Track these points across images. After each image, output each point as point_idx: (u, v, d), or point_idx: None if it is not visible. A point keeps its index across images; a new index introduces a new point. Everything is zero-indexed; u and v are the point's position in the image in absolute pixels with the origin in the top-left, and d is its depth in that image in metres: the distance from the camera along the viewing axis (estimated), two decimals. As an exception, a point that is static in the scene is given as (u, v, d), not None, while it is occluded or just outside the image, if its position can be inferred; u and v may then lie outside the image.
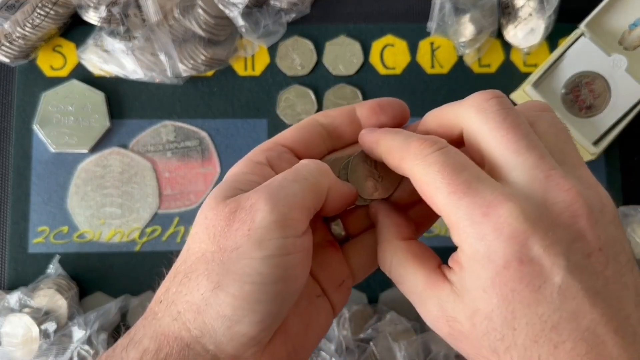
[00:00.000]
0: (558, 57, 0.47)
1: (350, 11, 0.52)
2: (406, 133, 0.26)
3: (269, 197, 0.24)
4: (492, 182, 0.23)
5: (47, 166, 0.50)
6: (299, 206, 0.25)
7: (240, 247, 0.23)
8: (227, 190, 0.26)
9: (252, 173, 0.27)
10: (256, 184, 0.26)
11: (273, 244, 0.24)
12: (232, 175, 0.27)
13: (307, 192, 0.25)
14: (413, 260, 0.25)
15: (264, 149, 0.28)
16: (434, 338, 0.45)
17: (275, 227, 0.24)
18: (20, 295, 0.46)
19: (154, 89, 0.51)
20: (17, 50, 0.49)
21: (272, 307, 0.24)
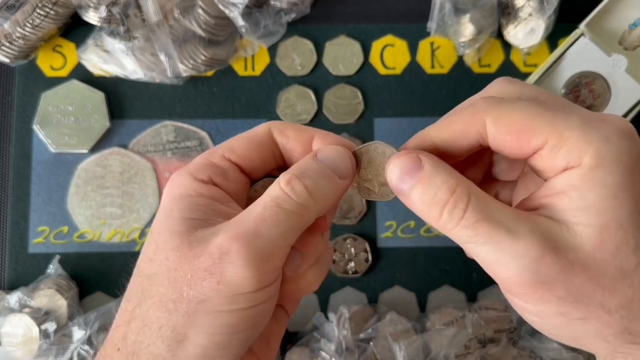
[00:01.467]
0: (558, 57, 0.47)
1: (350, 11, 0.52)
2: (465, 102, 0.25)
3: (242, 249, 0.22)
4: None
5: (47, 166, 0.50)
6: (277, 254, 0.23)
7: (207, 301, 0.22)
8: (185, 224, 0.23)
9: (202, 196, 0.24)
10: (214, 211, 0.24)
11: (245, 298, 0.22)
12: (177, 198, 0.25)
13: (289, 233, 0.23)
14: (491, 198, 0.22)
15: (208, 164, 0.26)
16: (434, 338, 0.45)
17: (249, 282, 0.22)
18: (20, 295, 0.46)
19: (154, 89, 0.51)
20: (17, 50, 0.49)
21: (238, 349, 0.23)
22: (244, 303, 0.22)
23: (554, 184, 0.21)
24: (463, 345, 0.44)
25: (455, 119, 0.23)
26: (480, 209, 0.21)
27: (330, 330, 0.46)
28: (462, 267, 0.49)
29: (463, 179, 0.23)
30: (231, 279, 0.22)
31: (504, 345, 0.45)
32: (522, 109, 0.22)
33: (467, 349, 0.45)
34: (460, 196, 0.22)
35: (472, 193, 0.22)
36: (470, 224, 0.21)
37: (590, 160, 0.20)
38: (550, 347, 0.44)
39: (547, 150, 0.21)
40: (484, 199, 0.22)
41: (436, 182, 0.22)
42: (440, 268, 0.49)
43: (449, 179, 0.22)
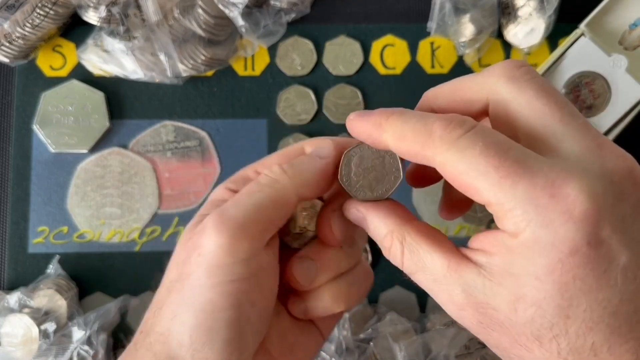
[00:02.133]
0: (558, 57, 0.47)
1: (350, 11, 0.52)
2: (419, 113, 0.22)
3: (216, 218, 0.23)
4: (544, 158, 0.20)
5: (47, 166, 0.50)
6: (252, 223, 0.23)
7: (192, 274, 0.23)
8: (197, 219, 0.25)
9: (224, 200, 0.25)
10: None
11: (222, 270, 0.23)
12: (209, 203, 0.27)
13: (264, 204, 0.24)
14: (427, 242, 0.22)
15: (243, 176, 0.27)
16: (434, 338, 0.45)
17: (222, 251, 0.22)
18: (20, 295, 0.46)
19: (153, 89, 0.51)
20: (17, 50, 0.49)
21: (228, 333, 0.23)
22: (222, 275, 0.23)
23: (497, 235, 0.21)
24: (463, 346, 0.44)
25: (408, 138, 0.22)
26: (413, 261, 0.23)
27: (330, 331, 0.46)
28: (462, 267, 0.49)
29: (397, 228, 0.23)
30: (207, 249, 0.23)
31: (504, 345, 0.45)
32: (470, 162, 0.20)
33: (467, 349, 0.45)
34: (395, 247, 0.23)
35: (405, 246, 0.23)
36: (407, 272, 0.23)
37: (524, 238, 0.19)
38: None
39: (493, 211, 0.21)
40: (418, 250, 0.22)
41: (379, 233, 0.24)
42: (440, 268, 0.49)
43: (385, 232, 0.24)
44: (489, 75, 0.22)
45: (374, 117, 0.23)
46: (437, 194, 0.49)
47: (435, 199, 0.49)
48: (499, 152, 0.20)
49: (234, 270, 0.23)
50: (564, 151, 0.20)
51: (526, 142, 0.21)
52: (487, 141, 0.20)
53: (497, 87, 0.22)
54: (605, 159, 0.20)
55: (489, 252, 0.21)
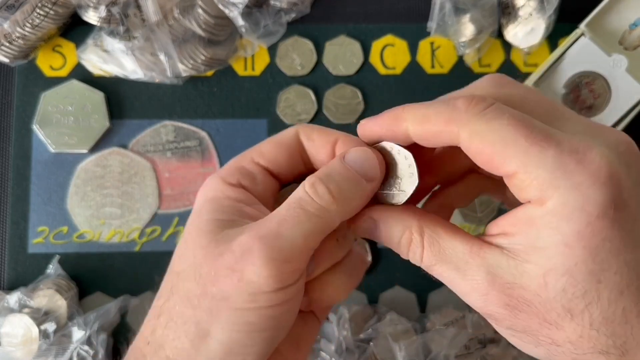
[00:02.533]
0: (558, 57, 0.47)
1: (350, 11, 0.52)
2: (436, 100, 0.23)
3: (263, 248, 0.22)
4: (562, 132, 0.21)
5: (47, 166, 0.50)
6: (298, 256, 0.23)
7: (229, 298, 0.22)
8: (212, 224, 0.24)
9: (229, 198, 0.25)
10: (240, 212, 0.24)
11: (265, 297, 0.22)
12: (208, 200, 0.25)
13: (311, 235, 0.23)
14: (445, 231, 0.23)
15: (237, 168, 0.26)
16: (434, 338, 0.45)
17: (269, 282, 0.22)
18: (19, 295, 0.46)
19: (153, 89, 0.51)
20: (17, 50, 0.49)
21: (262, 349, 0.23)
22: (263, 302, 0.22)
23: (516, 213, 0.21)
24: (463, 346, 0.44)
25: (431, 118, 0.23)
26: (433, 252, 0.23)
27: (330, 331, 0.46)
28: (462, 267, 0.49)
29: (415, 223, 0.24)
30: (251, 278, 0.22)
31: (504, 345, 0.45)
32: (498, 131, 0.21)
33: (467, 349, 0.45)
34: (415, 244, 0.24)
35: (425, 237, 0.23)
36: (427, 266, 0.24)
37: (552, 205, 0.20)
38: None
39: (516, 180, 0.21)
40: (437, 241, 0.23)
41: (395, 235, 0.24)
42: (440, 268, 0.49)
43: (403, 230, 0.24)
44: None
45: (389, 113, 0.24)
46: (437, 194, 0.49)
47: (435, 199, 0.49)
48: (525, 122, 0.20)
49: (276, 298, 0.23)
50: (571, 130, 0.21)
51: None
52: (512, 113, 0.21)
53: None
54: (606, 134, 0.21)
55: (509, 233, 0.21)
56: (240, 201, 0.25)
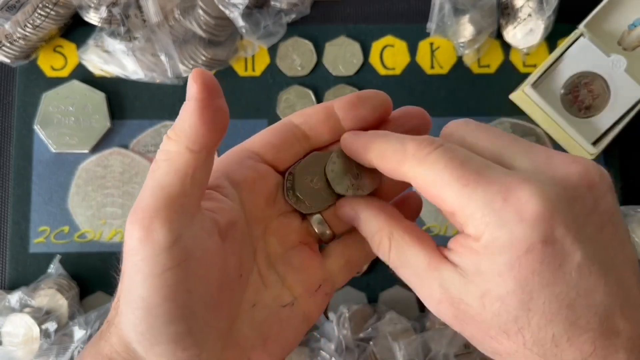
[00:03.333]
0: (557, 57, 0.48)
1: (350, 12, 0.52)
2: (397, 135, 0.25)
3: (132, 214, 0.22)
4: (503, 168, 0.22)
5: (48, 166, 0.50)
6: (162, 207, 0.22)
7: (126, 272, 0.22)
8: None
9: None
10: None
11: (145, 264, 0.21)
12: None
13: (167, 180, 0.22)
14: (412, 240, 0.25)
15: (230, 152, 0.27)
16: (434, 337, 0.45)
17: (141, 244, 0.21)
18: (21, 295, 0.46)
19: (154, 90, 0.51)
20: (18, 51, 0.49)
21: (172, 328, 0.22)
22: (146, 269, 0.22)
23: (462, 240, 0.23)
24: (463, 345, 0.45)
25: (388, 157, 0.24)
26: (397, 256, 0.25)
27: (330, 330, 0.46)
28: (462, 266, 0.49)
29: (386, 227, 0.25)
30: (130, 245, 0.22)
31: (503, 344, 0.45)
32: (436, 175, 0.22)
33: (467, 348, 0.45)
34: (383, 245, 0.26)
35: (392, 243, 0.25)
36: (392, 267, 0.26)
37: (485, 240, 0.21)
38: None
39: (455, 217, 0.23)
40: (402, 247, 0.25)
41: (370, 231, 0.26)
42: (439, 268, 0.49)
43: (375, 230, 0.26)
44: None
45: (363, 139, 0.26)
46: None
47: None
48: (462, 163, 0.22)
49: (157, 262, 0.21)
50: (518, 167, 0.23)
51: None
52: (451, 156, 0.22)
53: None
54: (556, 167, 0.22)
55: (460, 253, 0.23)
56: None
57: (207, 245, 0.23)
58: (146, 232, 0.21)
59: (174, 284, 0.22)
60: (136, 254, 0.22)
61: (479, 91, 0.51)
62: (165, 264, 0.22)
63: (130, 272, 0.22)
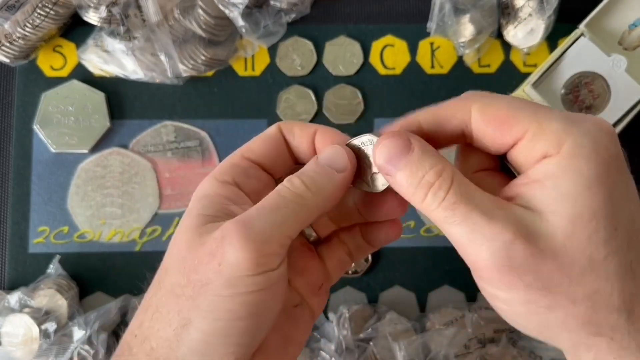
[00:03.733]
0: (558, 57, 0.47)
1: (350, 11, 0.52)
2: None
3: (240, 230, 0.23)
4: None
5: (48, 166, 0.50)
6: (277, 239, 0.23)
7: (210, 284, 0.23)
8: (198, 219, 0.25)
9: (219, 195, 0.26)
10: (226, 210, 0.25)
11: (243, 281, 0.23)
12: (199, 199, 0.26)
13: (288, 220, 0.24)
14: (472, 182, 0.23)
15: (231, 165, 0.27)
16: (434, 338, 0.45)
17: (247, 265, 0.22)
18: (20, 295, 0.46)
19: (154, 89, 0.51)
20: (18, 51, 0.49)
21: (244, 339, 0.23)
22: (243, 287, 0.23)
23: (531, 172, 0.22)
24: (463, 345, 0.45)
25: (443, 105, 0.25)
26: (461, 191, 0.22)
27: (330, 330, 0.46)
28: (462, 267, 0.49)
29: (448, 163, 0.24)
30: (230, 260, 0.22)
31: (503, 345, 0.45)
32: (507, 100, 0.23)
33: (467, 348, 0.45)
34: (445, 179, 0.23)
35: (455, 177, 0.23)
36: (449, 205, 0.22)
37: (568, 149, 0.21)
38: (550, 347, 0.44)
39: (526, 140, 0.22)
40: (466, 184, 0.23)
41: (424, 166, 0.23)
42: (440, 268, 0.49)
43: (436, 162, 0.23)
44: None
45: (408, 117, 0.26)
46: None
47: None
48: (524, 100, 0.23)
49: (255, 282, 0.23)
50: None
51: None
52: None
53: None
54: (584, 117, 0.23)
55: (525, 194, 0.22)
56: (228, 198, 0.26)
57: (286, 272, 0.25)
58: (256, 255, 0.22)
59: (262, 302, 0.23)
60: (236, 271, 0.22)
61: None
62: (261, 285, 0.23)
63: (217, 286, 0.23)
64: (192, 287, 0.23)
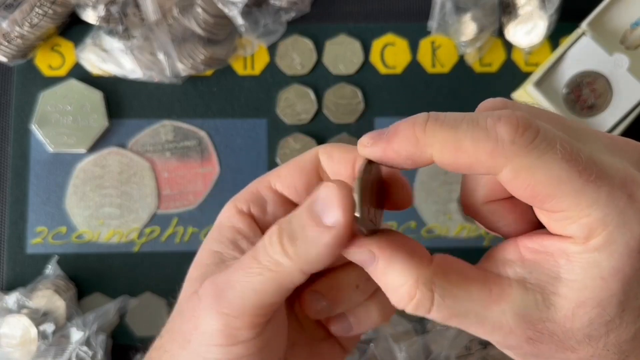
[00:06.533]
0: (559, 56, 0.47)
1: (350, 10, 0.52)
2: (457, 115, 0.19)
3: (213, 299, 0.21)
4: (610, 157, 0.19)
5: (46, 166, 0.50)
6: (249, 311, 0.21)
7: (191, 342, 0.22)
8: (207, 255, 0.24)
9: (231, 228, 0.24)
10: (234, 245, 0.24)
11: (222, 350, 0.22)
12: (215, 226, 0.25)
13: (264, 290, 0.21)
14: (458, 280, 0.20)
15: (252, 192, 0.25)
16: (435, 339, 0.44)
17: (218, 336, 0.21)
18: (18, 296, 0.46)
19: (152, 89, 0.51)
20: (15, 50, 0.49)
21: None
22: (218, 354, 0.22)
23: (546, 243, 0.20)
24: (464, 347, 0.44)
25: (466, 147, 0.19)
26: (446, 305, 0.20)
27: (330, 331, 0.46)
28: (463, 267, 0.49)
29: (424, 274, 0.20)
30: (204, 329, 0.22)
31: (505, 346, 0.44)
32: (551, 169, 0.18)
33: (468, 350, 0.44)
34: (421, 300, 0.20)
35: (436, 291, 0.20)
36: (439, 319, 0.20)
37: (596, 243, 0.19)
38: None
39: (559, 217, 0.19)
40: (450, 290, 0.20)
41: (393, 284, 0.20)
42: (440, 268, 0.49)
43: (406, 280, 0.20)
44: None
45: (404, 132, 0.19)
46: (438, 194, 0.49)
47: (436, 199, 0.49)
48: (576, 153, 0.18)
49: (232, 351, 0.21)
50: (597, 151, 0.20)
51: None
52: (562, 141, 0.18)
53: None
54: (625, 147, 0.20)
55: (532, 261, 0.20)
56: (240, 233, 0.24)
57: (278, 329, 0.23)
58: (228, 329, 0.21)
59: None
60: (212, 340, 0.21)
61: (480, 90, 0.51)
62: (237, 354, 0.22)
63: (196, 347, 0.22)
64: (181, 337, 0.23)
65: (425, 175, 0.49)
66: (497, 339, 0.20)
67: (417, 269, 0.20)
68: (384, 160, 0.20)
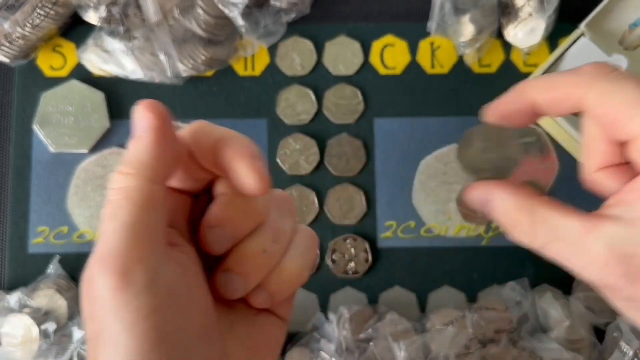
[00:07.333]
0: (558, 57, 0.47)
1: (350, 11, 0.52)
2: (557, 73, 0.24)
3: (96, 263, 0.21)
4: None
5: (47, 166, 0.50)
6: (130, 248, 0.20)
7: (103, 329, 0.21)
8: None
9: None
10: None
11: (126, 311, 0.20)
12: None
13: (131, 221, 0.21)
14: (556, 210, 0.23)
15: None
16: (434, 338, 0.45)
17: (117, 291, 0.20)
18: (20, 295, 0.46)
19: (153, 89, 0.51)
20: (17, 50, 0.49)
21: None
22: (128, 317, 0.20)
23: (638, 181, 0.22)
24: (463, 346, 0.44)
25: (558, 84, 0.23)
26: (546, 232, 0.23)
27: (330, 331, 0.46)
28: (462, 267, 0.49)
29: (527, 203, 0.24)
30: (102, 295, 0.21)
31: (504, 345, 0.45)
32: (625, 92, 0.21)
33: (467, 349, 0.44)
34: (524, 226, 0.23)
35: (536, 219, 0.23)
36: (539, 246, 0.23)
37: None
38: (551, 347, 0.44)
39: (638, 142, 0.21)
40: (549, 220, 0.23)
41: (506, 210, 0.24)
42: (440, 268, 0.49)
43: (513, 209, 0.24)
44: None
45: (512, 90, 0.25)
46: (437, 194, 0.49)
47: (435, 199, 0.49)
48: None
49: (140, 305, 0.20)
50: None
51: None
52: (637, 75, 0.21)
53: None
54: None
55: (627, 201, 0.21)
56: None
57: (186, 278, 0.22)
58: (122, 277, 0.20)
59: (163, 324, 0.20)
60: (113, 303, 0.20)
61: (479, 91, 0.51)
62: (149, 306, 0.20)
63: (107, 324, 0.20)
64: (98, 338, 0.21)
65: (425, 175, 0.50)
66: (593, 273, 0.22)
67: (521, 200, 0.24)
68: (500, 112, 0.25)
